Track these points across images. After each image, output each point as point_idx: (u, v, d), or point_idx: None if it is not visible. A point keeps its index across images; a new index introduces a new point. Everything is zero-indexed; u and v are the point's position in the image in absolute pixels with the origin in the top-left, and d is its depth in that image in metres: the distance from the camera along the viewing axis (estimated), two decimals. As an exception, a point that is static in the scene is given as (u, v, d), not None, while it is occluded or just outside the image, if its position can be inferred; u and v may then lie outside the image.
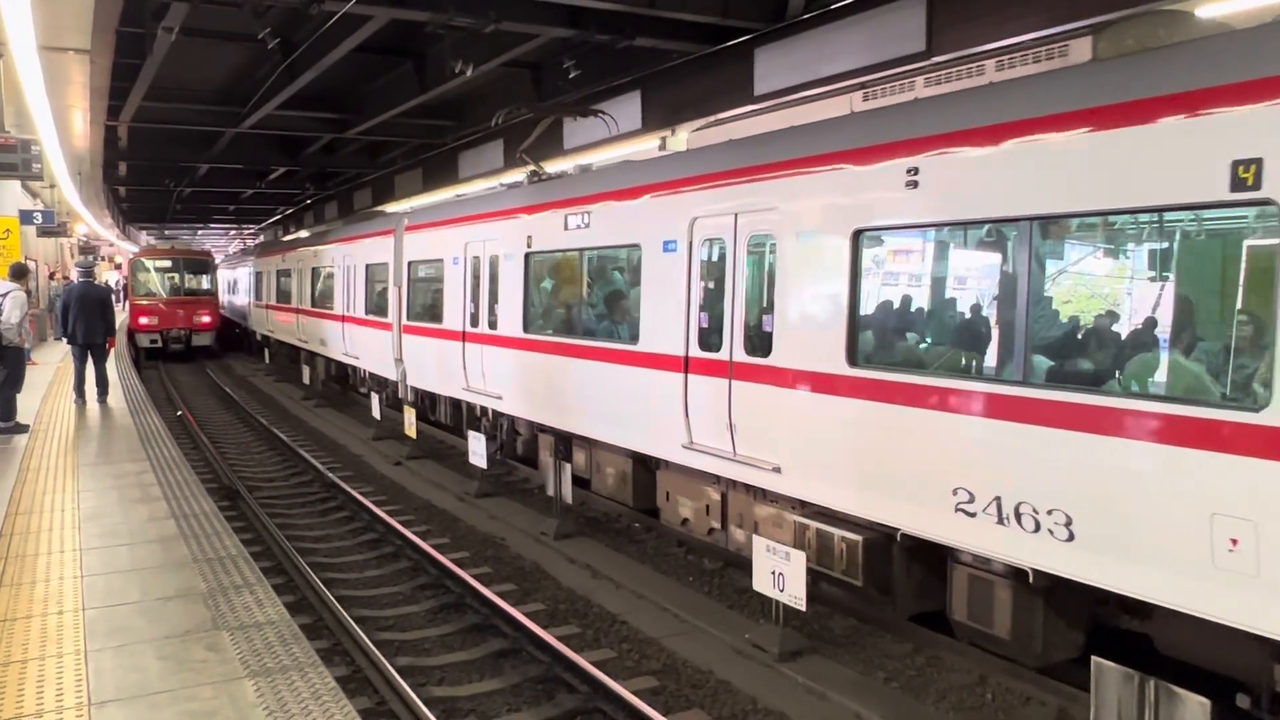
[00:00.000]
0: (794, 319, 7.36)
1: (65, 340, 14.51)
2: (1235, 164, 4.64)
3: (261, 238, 52.54)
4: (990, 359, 6.18)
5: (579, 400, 10.35)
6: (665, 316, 8.91)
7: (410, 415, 14.29)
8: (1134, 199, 5.18)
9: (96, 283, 15.21)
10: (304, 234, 32.30)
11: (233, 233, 62.08)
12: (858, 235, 6.80)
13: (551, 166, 18.19)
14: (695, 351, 8.55)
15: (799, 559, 6.79)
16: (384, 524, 10.71)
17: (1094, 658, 5.14)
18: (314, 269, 22.59)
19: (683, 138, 12.47)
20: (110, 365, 14.98)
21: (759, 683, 6.77)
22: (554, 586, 8.97)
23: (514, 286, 11.74)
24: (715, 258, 8.42)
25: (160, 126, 20.44)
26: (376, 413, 16.70)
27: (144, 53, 13.79)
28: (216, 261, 35.99)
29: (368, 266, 17.83)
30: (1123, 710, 4.86)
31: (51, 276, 28.70)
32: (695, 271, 8.57)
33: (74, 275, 17.38)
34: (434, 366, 14.53)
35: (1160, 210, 5.24)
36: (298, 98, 16.96)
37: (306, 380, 22.71)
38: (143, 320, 30.24)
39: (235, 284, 40.06)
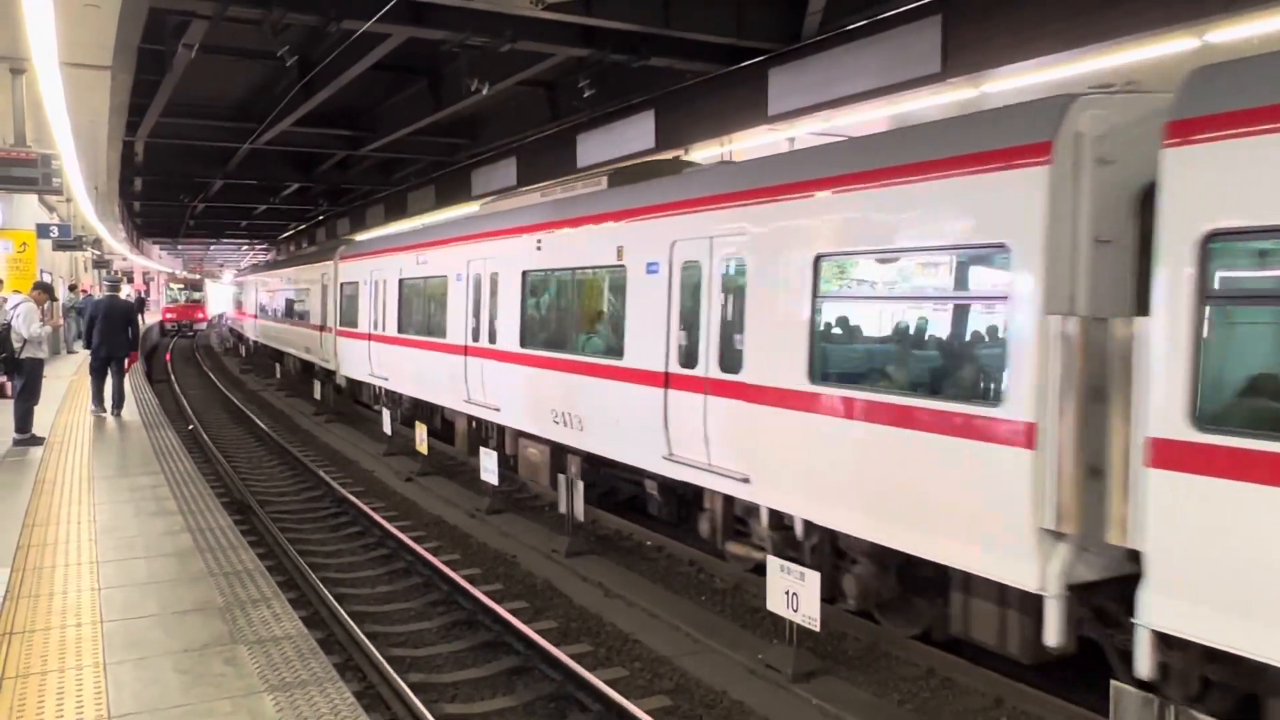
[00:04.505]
0: None
1: (89, 350, 14.67)
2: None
3: (273, 253, 52.65)
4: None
5: None
6: None
7: (421, 431, 14.31)
8: None
9: (121, 297, 15.39)
10: (452, 214, 21.64)
11: (244, 247, 62.56)
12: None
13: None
14: None
15: (813, 579, 6.77)
16: (395, 540, 10.72)
17: (1113, 682, 5.12)
18: (494, 276, 12.66)
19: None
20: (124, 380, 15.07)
21: (773, 703, 6.74)
22: (566, 604, 8.96)
23: None
24: None
25: (177, 142, 20.67)
26: (388, 428, 16.73)
27: (163, 69, 13.96)
28: (231, 278, 47.28)
29: (688, 266, 8.70)
30: (1142, 734, 4.83)
31: (72, 289, 29.03)
32: None
33: (100, 289, 17.65)
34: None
35: None
36: (313, 115, 17.14)
37: (318, 396, 22.76)
38: (168, 315, 54.94)
39: (272, 302, 29.87)
